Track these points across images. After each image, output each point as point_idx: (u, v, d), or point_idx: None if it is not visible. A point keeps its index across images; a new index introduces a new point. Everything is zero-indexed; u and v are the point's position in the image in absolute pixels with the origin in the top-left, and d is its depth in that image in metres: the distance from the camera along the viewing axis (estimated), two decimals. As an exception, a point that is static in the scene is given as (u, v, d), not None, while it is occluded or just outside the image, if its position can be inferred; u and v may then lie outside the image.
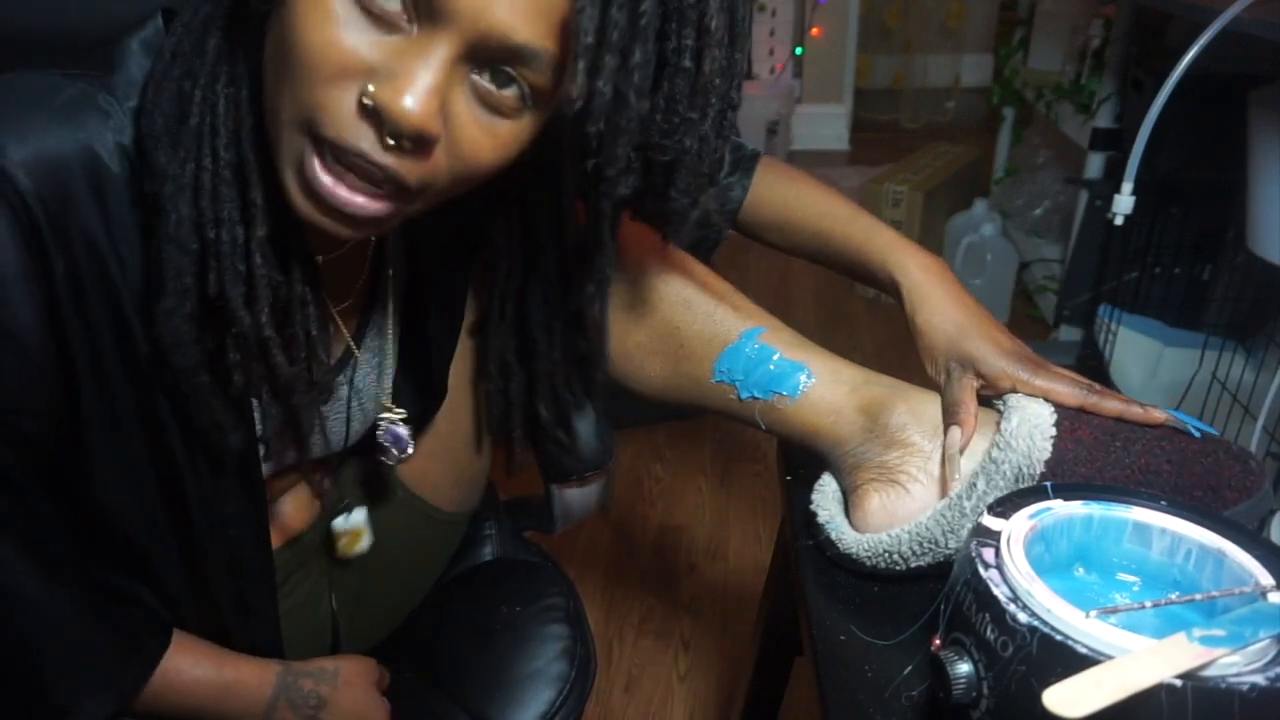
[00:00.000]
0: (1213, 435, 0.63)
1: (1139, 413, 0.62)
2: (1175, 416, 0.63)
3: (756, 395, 0.68)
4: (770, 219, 0.86)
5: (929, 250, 0.75)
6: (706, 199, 0.56)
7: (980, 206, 2.39)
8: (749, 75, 3.68)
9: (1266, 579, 0.48)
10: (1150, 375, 1.62)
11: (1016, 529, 0.52)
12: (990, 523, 0.53)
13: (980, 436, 0.63)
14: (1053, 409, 0.62)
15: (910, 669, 0.56)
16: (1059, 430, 0.61)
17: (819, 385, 0.67)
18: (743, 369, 0.68)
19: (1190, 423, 0.63)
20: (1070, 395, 0.63)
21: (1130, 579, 0.55)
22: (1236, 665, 0.43)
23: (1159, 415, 0.62)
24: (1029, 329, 2.35)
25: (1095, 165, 1.92)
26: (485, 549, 0.90)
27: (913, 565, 0.62)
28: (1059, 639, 0.44)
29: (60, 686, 0.57)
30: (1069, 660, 0.43)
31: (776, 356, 0.68)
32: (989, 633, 0.47)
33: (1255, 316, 1.48)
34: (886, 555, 0.62)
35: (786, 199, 0.84)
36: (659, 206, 0.55)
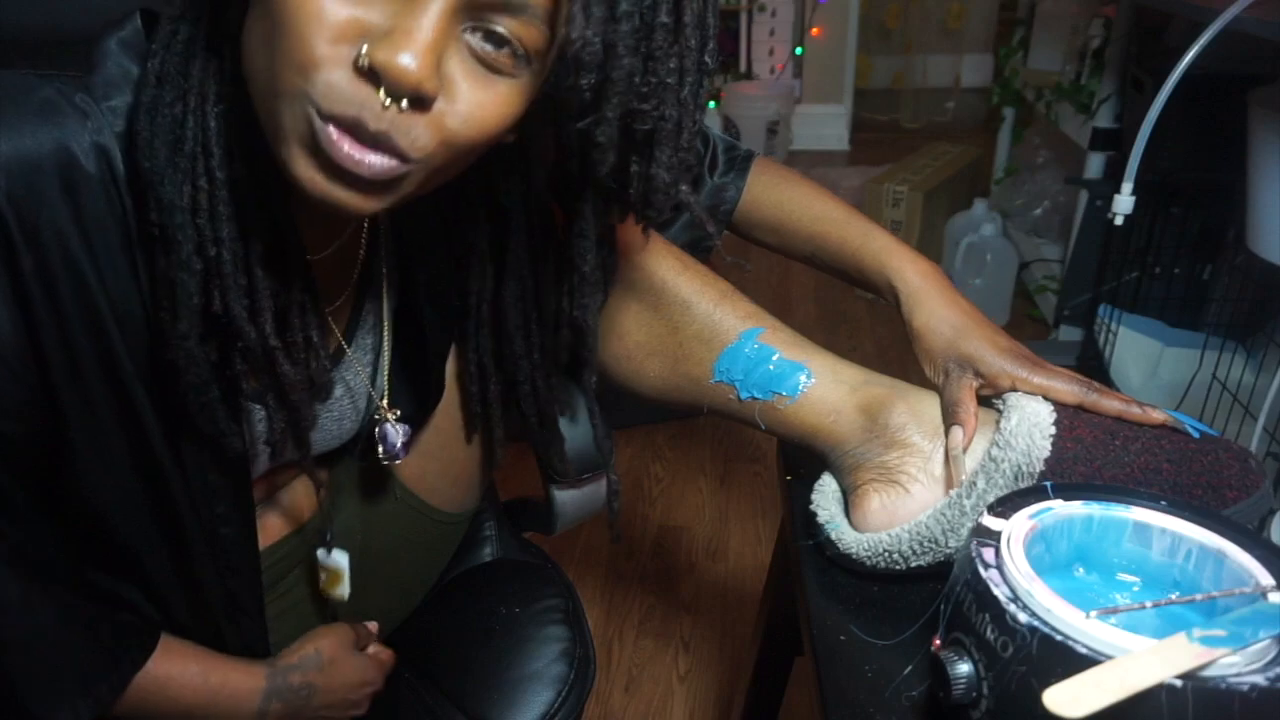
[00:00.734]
0: (1212, 435, 0.63)
1: (1138, 413, 0.62)
2: (1174, 417, 0.63)
3: (756, 395, 0.68)
4: (765, 220, 0.86)
5: (924, 254, 0.75)
6: (689, 192, 0.56)
7: (980, 206, 2.39)
8: (749, 75, 3.68)
9: (1266, 579, 0.48)
10: (1150, 375, 1.62)
11: (1016, 529, 0.52)
12: (990, 523, 0.53)
13: (980, 436, 0.63)
14: (1052, 408, 0.62)
15: (910, 669, 0.56)
16: (1059, 429, 0.61)
17: (819, 385, 0.67)
18: (742, 369, 0.68)
19: (1189, 423, 0.63)
20: (1069, 393, 0.63)
21: (1130, 579, 0.55)
22: (1237, 665, 0.43)
23: (1158, 415, 0.62)
24: (1029, 329, 2.35)
25: (1095, 165, 1.92)
26: (485, 550, 0.90)
27: (913, 565, 0.62)
28: (1059, 639, 0.44)
29: (34, 693, 0.56)
30: (1069, 660, 0.43)
31: (776, 357, 0.68)
32: (989, 633, 0.47)
33: (1255, 316, 1.48)
34: (887, 555, 0.62)
35: (781, 200, 0.84)
36: (641, 185, 0.54)
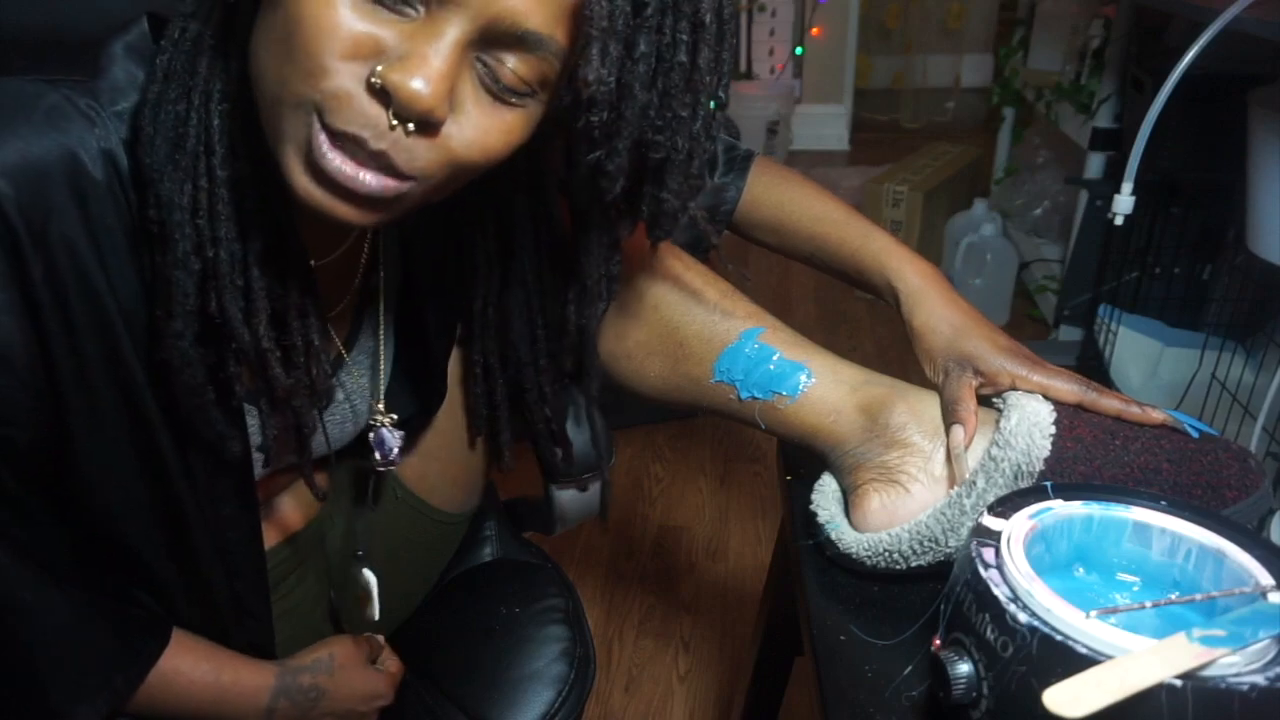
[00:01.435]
0: (1211, 435, 0.63)
1: (1138, 412, 0.63)
2: (1174, 417, 0.63)
3: (756, 395, 0.68)
4: (764, 220, 0.86)
5: (924, 254, 0.75)
6: (696, 205, 0.56)
7: (980, 206, 2.39)
8: (749, 75, 3.68)
9: (1266, 579, 0.48)
10: (1150, 375, 1.62)
11: (1016, 529, 0.52)
12: (990, 523, 0.53)
13: (980, 435, 0.63)
14: (1052, 407, 0.62)
15: (910, 669, 0.56)
16: (1058, 428, 0.61)
17: (819, 385, 0.67)
18: (743, 369, 0.68)
19: (1189, 423, 0.63)
20: (1069, 392, 0.63)
21: (1130, 579, 0.55)
22: (1236, 665, 0.43)
23: (1157, 415, 0.62)
24: (1029, 329, 2.35)
25: (1095, 165, 1.92)
26: (485, 550, 0.90)
27: (913, 564, 0.62)
28: (1059, 639, 0.44)
29: (55, 690, 0.57)
30: (1069, 660, 0.43)
31: (776, 356, 0.68)
32: (989, 633, 0.47)
33: (1255, 316, 1.48)
34: (887, 554, 0.62)
35: (781, 201, 0.84)
36: (650, 208, 0.55)
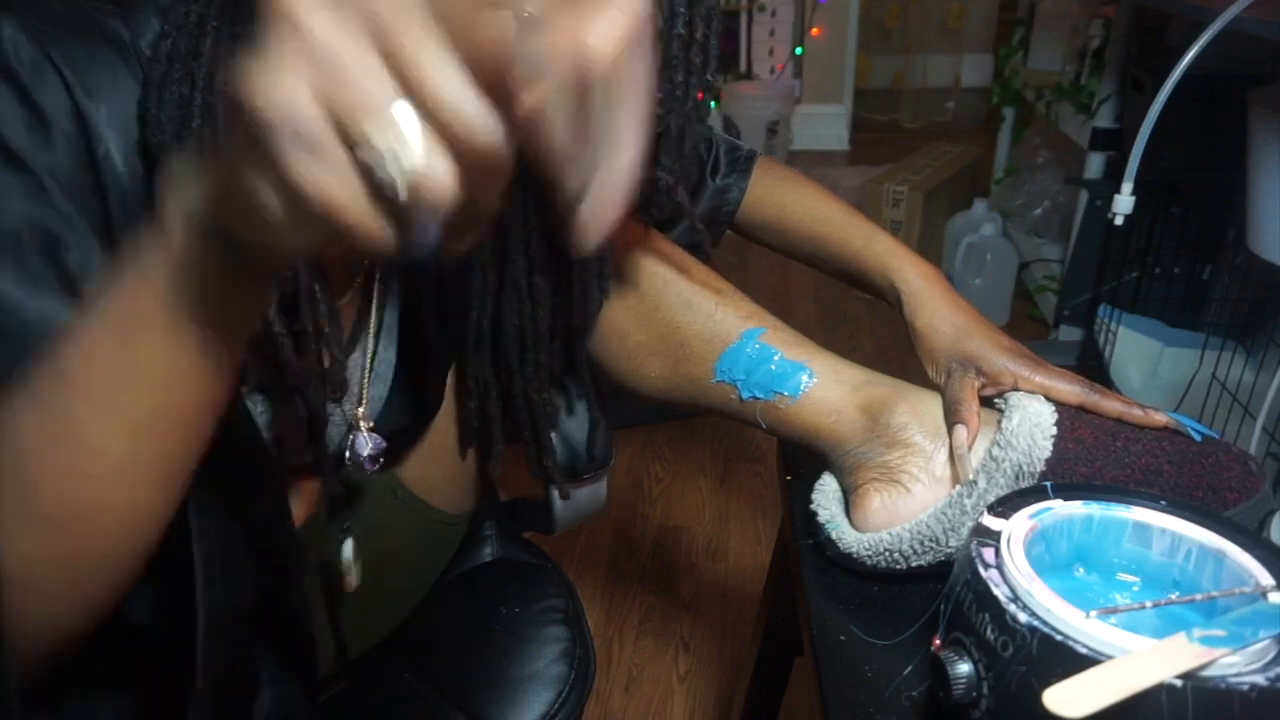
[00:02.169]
0: (1213, 438, 0.63)
1: (1139, 415, 0.63)
2: (1176, 419, 0.63)
3: (758, 395, 0.68)
4: (766, 220, 0.86)
5: (924, 254, 0.75)
6: (694, 204, 0.57)
7: (980, 206, 2.39)
8: (749, 75, 3.68)
9: (1267, 579, 0.48)
10: (1150, 375, 1.62)
11: (1017, 529, 0.52)
12: (990, 522, 0.53)
13: (981, 435, 0.63)
14: (1054, 408, 0.62)
15: (910, 669, 0.56)
16: (1060, 430, 0.61)
17: (820, 385, 0.67)
18: (744, 369, 0.68)
19: (1191, 426, 0.63)
20: (1071, 393, 0.63)
21: (1130, 579, 0.55)
22: (1237, 665, 0.43)
23: (1159, 418, 0.62)
24: (1029, 329, 2.35)
25: (1095, 165, 1.92)
26: (485, 550, 0.90)
27: (913, 564, 0.62)
28: (1059, 639, 0.44)
29: None
30: (1069, 660, 0.43)
31: (778, 356, 0.68)
32: (989, 633, 0.47)
33: (1255, 316, 1.48)
34: (887, 554, 0.62)
35: (783, 201, 0.85)
36: (643, 187, 0.55)
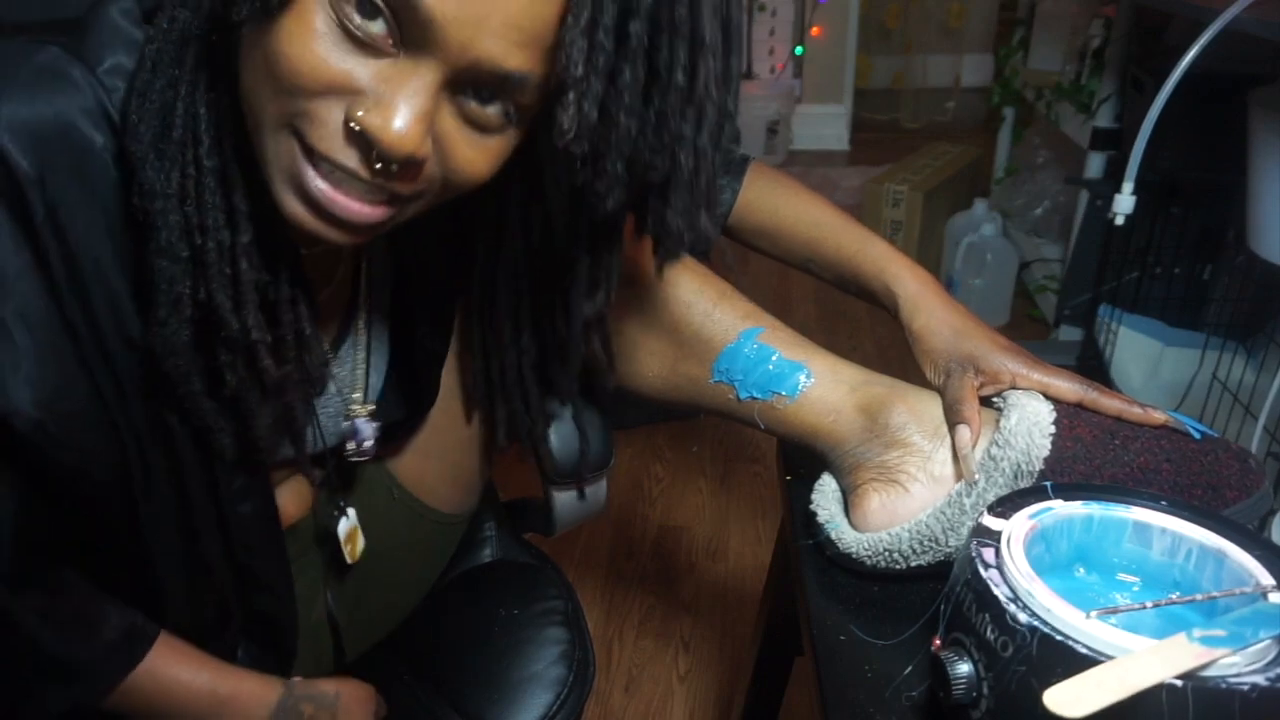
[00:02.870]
0: (1212, 436, 0.63)
1: (1138, 413, 0.62)
2: (1175, 418, 0.63)
3: (756, 395, 0.68)
4: (760, 225, 0.85)
5: (924, 254, 0.75)
6: (705, 223, 0.55)
7: (980, 206, 2.38)
8: (749, 75, 3.68)
9: (1267, 579, 0.48)
10: (1150, 375, 1.62)
11: (1017, 529, 0.52)
12: (990, 523, 0.53)
13: (980, 434, 0.63)
14: (1052, 407, 0.62)
15: (910, 669, 0.56)
16: (1058, 428, 0.61)
17: (818, 385, 0.67)
18: (742, 369, 0.68)
19: (1190, 424, 0.63)
20: (1069, 390, 0.63)
21: (1130, 579, 0.55)
22: (1237, 665, 0.43)
23: (1158, 416, 0.62)
24: (1029, 329, 2.35)
25: (1095, 165, 1.92)
26: (484, 551, 0.90)
27: (913, 564, 0.62)
28: (1059, 639, 0.44)
29: (20, 676, 0.55)
30: (1069, 660, 0.43)
31: (776, 356, 0.68)
32: (989, 633, 0.47)
33: (1255, 316, 1.48)
34: (887, 554, 0.62)
35: (777, 206, 0.84)
36: (655, 227, 0.54)
